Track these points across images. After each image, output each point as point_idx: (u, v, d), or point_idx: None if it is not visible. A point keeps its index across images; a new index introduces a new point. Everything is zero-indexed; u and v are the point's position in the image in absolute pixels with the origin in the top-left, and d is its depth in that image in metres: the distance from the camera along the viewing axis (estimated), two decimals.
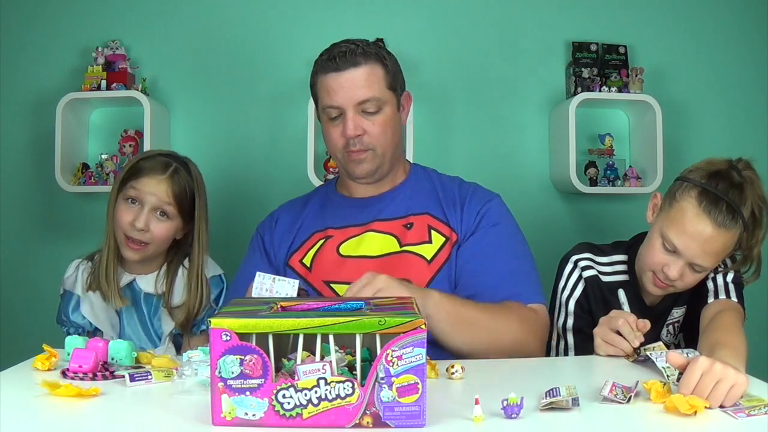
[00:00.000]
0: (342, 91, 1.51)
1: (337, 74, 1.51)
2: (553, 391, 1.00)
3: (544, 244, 1.74)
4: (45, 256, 2.43)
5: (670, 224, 1.45)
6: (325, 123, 1.58)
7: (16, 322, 2.40)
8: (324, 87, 1.54)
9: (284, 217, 1.71)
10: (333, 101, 1.52)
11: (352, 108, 1.52)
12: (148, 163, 1.73)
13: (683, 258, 1.44)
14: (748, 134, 2.52)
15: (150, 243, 1.70)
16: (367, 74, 1.52)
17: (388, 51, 1.61)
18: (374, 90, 1.53)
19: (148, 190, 1.69)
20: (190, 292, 1.72)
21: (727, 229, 1.42)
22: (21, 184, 2.47)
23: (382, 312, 0.94)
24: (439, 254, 1.56)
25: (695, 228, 1.42)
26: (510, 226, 1.62)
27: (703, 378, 0.99)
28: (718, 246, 1.43)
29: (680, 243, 1.43)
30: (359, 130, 1.52)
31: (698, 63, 2.53)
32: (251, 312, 0.96)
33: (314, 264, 1.59)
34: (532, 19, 2.51)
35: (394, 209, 1.62)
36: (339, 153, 1.57)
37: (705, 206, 1.42)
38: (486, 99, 2.50)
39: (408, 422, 0.89)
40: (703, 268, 1.45)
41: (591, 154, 2.46)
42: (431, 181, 1.69)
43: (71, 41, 2.46)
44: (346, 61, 1.51)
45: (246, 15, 2.49)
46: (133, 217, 1.68)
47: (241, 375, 0.89)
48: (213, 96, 2.48)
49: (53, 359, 1.24)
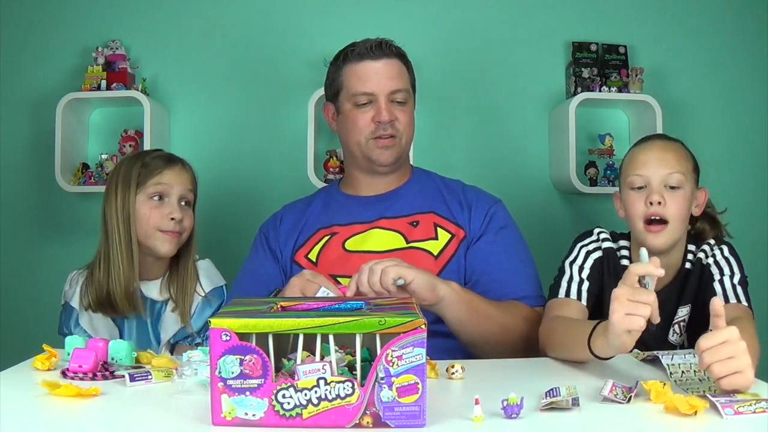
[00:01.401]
0: (377, 78, 1.58)
1: (373, 62, 1.59)
2: (553, 391, 1.00)
3: (544, 244, 1.74)
4: (45, 256, 2.43)
5: (627, 171, 1.55)
6: (351, 110, 1.61)
7: (16, 322, 2.40)
8: (356, 74, 1.59)
9: (288, 216, 1.73)
10: (367, 87, 1.58)
11: (384, 95, 1.59)
12: (160, 159, 1.73)
13: (654, 181, 1.51)
14: (748, 134, 2.52)
15: (182, 233, 1.72)
16: (399, 67, 1.62)
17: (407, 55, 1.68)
18: (404, 82, 1.63)
19: (173, 182, 1.71)
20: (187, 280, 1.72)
21: (671, 142, 1.56)
22: (21, 184, 2.47)
23: (382, 312, 0.94)
24: (445, 250, 1.58)
25: (645, 154, 1.54)
26: (515, 230, 1.68)
27: (723, 345, 1.01)
28: (672, 155, 1.53)
29: (642, 171, 1.52)
30: (392, 116, 1.59)
31: (698, 63, 2.52)
32: (251, 312, 0.96)
33: (320, 259, 1.61)
34: (532, 19, 2.51)
35: (400, 207, 1.65)
36: (364, 139, 1.61)
37: (643, 139, 1.59)
38: (486, 99, 2.50)
39: (408, 422, 0.89)
40: (678, 180, 1.51)
41: (591, 154, 2.46)
42: (434, 183, 1.72)
43: (71, 41, 2.46)
44: (382, 51, 1.59)
45: (246, 15, 2.49)
46: (168, 210, 1.69)
47: (241, 375, 0.89)
48: (213, 96, 2.48)
49: (53, 359, 1.24)
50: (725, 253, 1.56)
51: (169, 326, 1.70)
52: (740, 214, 2.50)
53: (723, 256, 1.55)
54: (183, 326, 1.70)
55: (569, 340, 1.31)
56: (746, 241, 2.42)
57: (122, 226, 1.67)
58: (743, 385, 1.01)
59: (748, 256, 1.60)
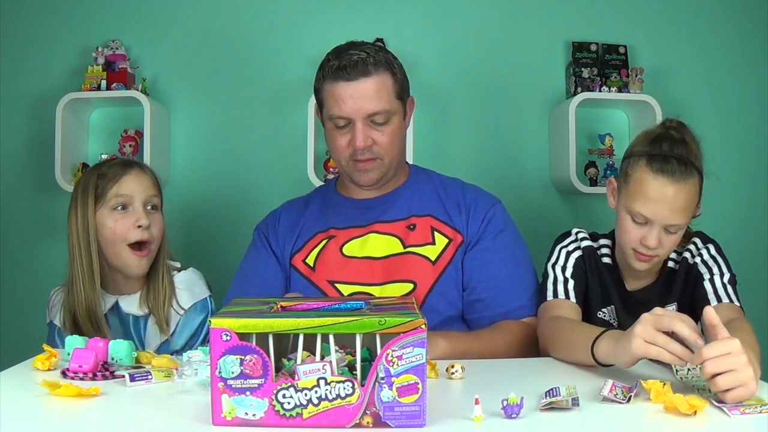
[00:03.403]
0: (352, 102, 1.49)
1: (347, 84, 1.49)
2: (553, 391, 1.00)
3: (544, 244, 1.74)
4: (45, 256, 2.43)
5: (633, 198, 1.47)
6: (331, 130, 1.56)
7: (16, 322, 2.40)
8: (332, 96, 1.51)
9: (286, 216, 1.71)
10: (342, 112, 1.50)
11: (361, 119, 1.50)
12: (115, 168, 1.65)
13: (656, 224, 1.45)
14: (747, 134, 2.52)
15: (152, 242, 1.65)
16: (378, 85, 1.50)
17: (395, 56, 1.59)
18: (384, 102, 1.51)
19: (134, 188, 1.63)
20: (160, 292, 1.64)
21: (685, 181, 1.44)
22: (21, 184, 2.47)
23: (382, 312, 0.94)
24: (443, 255, 1.57)
25: (657, 191, 1.44)
26: (513, 233, 1.66)
27: (726, 357, 1.00)
28: (683, 200, 1.44)
29: (648, 211, 1.45)
30: (368, 141, 1.52)
31: (698, 63, 2.52)
32: (251, 312, 0.96)
33: (318, 264, 1.59)
34: (532, 19, 2.51)
35: (396, 211, 1.62)
36: (344, 161, 1.56)
37: (658, 168, 1.44)
38: (486, 99, 2.50)
39: (408, 422, 0.89)
40: (678, 226, 1.47)
41: (591, 154, 2.46)
42: (432, 183, 1.69)
43: (71, 41, 2.46)
44: (357, 71, 1.48)
45: (246, 15, 2.49)
46: (134, 218, 1.62)
47: (241, 375, 0.89)
48: (213, 96, 2.48)
49: (53, 359, 1.24)
50: (712, 251, 1.55)
51: (152, 340, 1.64)
52: (740, 213, 2.52)
53: (710, 255, 1.54)
54: (166, 340, 1.63)
55: (572, 344, 1.31)
56: (745, 241, 2.44)
57: (83, 245, 1.61)
58: (746, 398, 1.00)
59: (747, 256, 1.61)
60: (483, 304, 1.55)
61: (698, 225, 1.58)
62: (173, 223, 2.40)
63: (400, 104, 1.56)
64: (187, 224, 2.46)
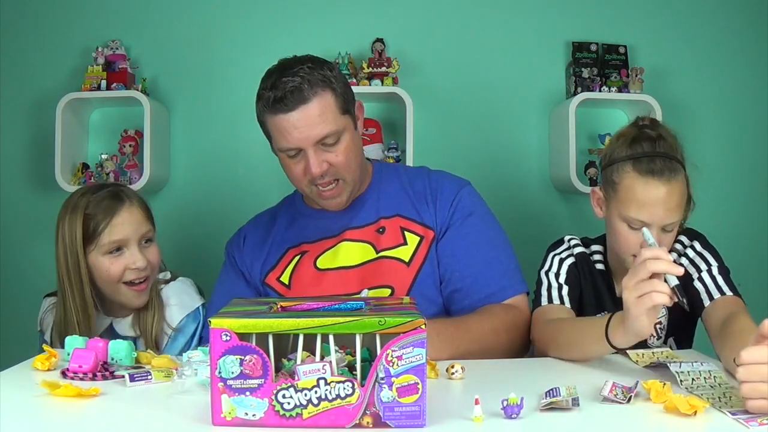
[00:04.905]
0: (297, 132, 1.43)
1: (288, 115, 1.42)
2: (553, 391, 1.00)
3: (543, 244, 1.73)
4: (45, 256, 2.42)
5: (626, 205, 1.44)
6: (284, 159, 1.50)
7: (16, 322, 2.40)
8: (276, 128, 1.45)
9: (252, 234, 1.67)
10: (289, 143, 1.45)
11: (311, 146, 1.44)
12: (103, 207, 1.57)
13: (653, 227, 1.43)
14: (747, 134, 2.53)
15: (149, 274, 1.60)
16: (320, 108, 1.43)
17: (331, 68, 1.50)
18: (329, 123, 1.44)
19: (128, 228, 1.57)
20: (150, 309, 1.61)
21: (675, 178, 1.42)
22: (21, 184, 2.47)
23: (382, 312, 0.94)
24: (416, 255, 1.54)
25: (649, 194, 1.42)
26: (484, 215, 1.61)
27: (762, 366, 0.94)
28: (676, 198, 1.43)
29: (644, 215, 1.43)
30: (324, 166, 1.46)
31: (698, 63, 2.53)
32: (251, 312, 0.96)
33: (293, 281, 1.57)
34: (532, 19, 2.51)
35: (365, 215, 1.59)
36: (306, 188, 1.52)
37: (645, 170, 1.42)
38: (486, 99, 2.50)
39: (408, 422, 0.89)
40: (674, 224, 1.46)
41: (591, 154, 2.47)
42: (399, 178, 1.65)
43: (71, 41, 2.46)
44: (295, 99, 1.42)
45: (246, 15, 2.49)
46: (131, 260, 1.57)
47: (241, 375, 0.89)
48: (213, 96, 2.48)
49: (53, 359, 1.24)
50: (698, 248, 1.52)
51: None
52: (739, 213, 2.52)
53: (696, 252, 1.52)
54: None
55: (579, 339, 1.31)
56: (744, 240, 2.44)
57: (75, 287, 1.56)
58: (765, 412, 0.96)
59: (746, 256, 1.61)
60: (461, 293, 1.51)
61: (698, 225, 1.57)
62: (173, 224, 2.41)
63: (348, 118, 1.50)
64: (187, 224, 2.46)
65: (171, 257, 1.88)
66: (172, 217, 2.42)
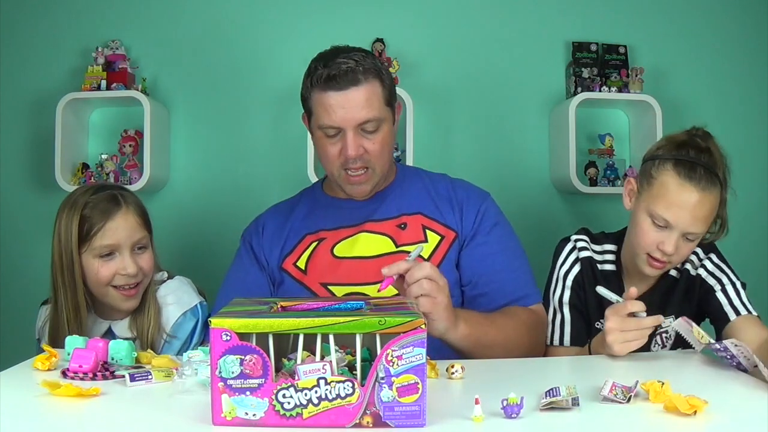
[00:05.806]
0: (342, 111, 1.47)
1: (337, 93, 1.47)
2: (553, 391, 1.00)
3: (544, 244, 1.74)
4: (45, 256, 2.41)
5: (656, 201, 1.47)
6: (321, 138, 1.54)
7: (17, 322, 2.40)
8: (322, 105, 1.49)
9: (271, 222, 1.69)
10: (332, 121, 1.48)
11: (352, 128, 1.49)
12: (98, 211, 1.56)
13: (676, 230, 1.45)
14: (747, 134, 2.53)
15: (141, 281, 1.59)
16: (368, 94, 1.48)
17: (381, 61, 1.57)
18: (374, 110, 1.49)
19: (121, 234, 1.56)
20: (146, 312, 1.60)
21: (710, 191, 1.45)
22: (21, 184, 2.47)
23: (382, 312, 0.94)
24: (435, 252, 1.57)
25: (681, 197, 1.44)
26: (507, 225, 1.66)
27: None
28: (706, 210, 1.45)
29: (671, 215, 1.45)
30: (360, 150, 1.50)
31: (698, 63, 2.53)
32: (251, 312, 0.96)
33: (309, 266, 1.59)
34: (532, 19, 2.51)
35: (386, 210, 1.62)
36: (336, 170, 1.55)
37: (685, 174, 1.45)
38: (486, 99, 2.50)
39: (408, 422, 0.89)
40: (696, 235, 1.47)
41: (591, 154, 2.47)
42: (421, 181, 1.69)
43: (71, 41, 2.46)
44: (347, 80, 1.46)
45: (246, 15, 2.49)
46: (121, 265, 1.56)
47: (241, 375, 0.89)
48: (213, 96, 2.48)
49: (53, 359, 1.23)
50: (715, 260, 1.56)
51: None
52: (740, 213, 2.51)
53: (715, 265, 1.56)
54: None
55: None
56: (746, 241, 2.44)
57: (69, 289, 1.55)
58: None
59: (748, 256, 1.61)
60: (487, 298, 1.55)
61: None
62: (173, 224, 2.41)
63: (390, 111, 1.55)
64: (187, 224, 2.46)
65: (171, 257, 1.89)
66: (171, 217, 2.42)
